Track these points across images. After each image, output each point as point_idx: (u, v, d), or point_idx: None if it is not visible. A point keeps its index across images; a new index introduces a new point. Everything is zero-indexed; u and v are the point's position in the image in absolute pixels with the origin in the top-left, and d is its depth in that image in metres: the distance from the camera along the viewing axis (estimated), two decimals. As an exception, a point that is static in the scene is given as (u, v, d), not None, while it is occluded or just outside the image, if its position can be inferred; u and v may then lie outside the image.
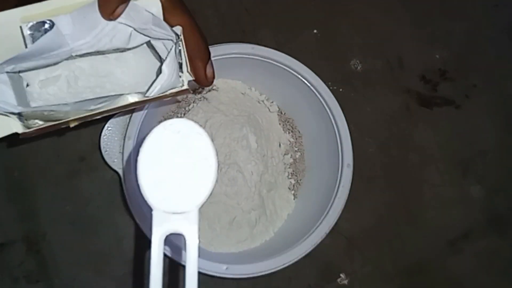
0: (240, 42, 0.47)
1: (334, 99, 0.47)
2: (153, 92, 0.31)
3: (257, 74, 0.49)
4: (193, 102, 0.50)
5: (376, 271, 0.53)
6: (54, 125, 0.31)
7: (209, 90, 0.51)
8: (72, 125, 0.32)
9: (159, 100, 0.33)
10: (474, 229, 0.56)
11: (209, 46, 0.45)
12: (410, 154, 0.56)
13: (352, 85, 0.57)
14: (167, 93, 0.33)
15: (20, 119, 0.30)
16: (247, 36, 0.56)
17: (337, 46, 0.58)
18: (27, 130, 0.30)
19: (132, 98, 0.32)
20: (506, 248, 0.56)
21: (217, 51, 0.45)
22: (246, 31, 0.56)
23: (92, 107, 0.30)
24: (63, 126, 0.32)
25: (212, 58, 0.45)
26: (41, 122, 0.31)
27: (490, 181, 0.57)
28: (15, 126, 0.30)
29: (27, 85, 0.32)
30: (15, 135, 0.30)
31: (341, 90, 0.56)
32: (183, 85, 0.33)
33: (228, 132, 0.49)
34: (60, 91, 0.34)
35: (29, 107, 0.32)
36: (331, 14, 0.59)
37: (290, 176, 0.52)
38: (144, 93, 0.32)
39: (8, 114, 0.30)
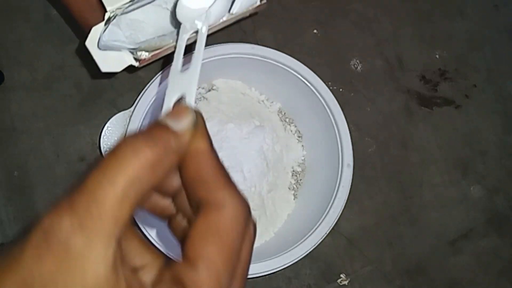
0: (240, 42, 0.47)
1: (334, 99, 0.47)
2: (236, 9, 0.37)
3: (257, 74, 0.49)
4: (193, 102, 0.50)
5: (376, 271, 0.53)
6: (158, 53, 0.38)
7: (209, 90, 0.51)
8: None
9: (240, 17, 0.39)
10: (474, 229, 0.56)
11: (209, 46, 0.46)
12: (410, 154, 0.56)
13: (352, 85, 0.57)
14: (247, 9, 0.38)
15: (132, 53, 0.37)
16: (247, 36, 0.56)
17: (337, 46, 0.58)
18: (141, 60, 0.37)
19: (218, 17, 0.37)
20: (506, 248, 0.56)
21: (217, 51, 0.45)
22: (246, 31, 0.56)
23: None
24: (165, 54, 0.38)
25: (212, 58, 0.46)
26: (146, 53, 0.37)
27: (490, 181, 0.57)
28: (129, 60, 0.37)
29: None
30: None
31: (341, 90, 0.56)
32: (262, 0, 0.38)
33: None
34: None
35: (140, 41, 0.38)
36: (331, 14, 0.59)
37: (290, 176, 0.52)
38: (228, 11, 0.37)
39: (121, 50, 0.36)
